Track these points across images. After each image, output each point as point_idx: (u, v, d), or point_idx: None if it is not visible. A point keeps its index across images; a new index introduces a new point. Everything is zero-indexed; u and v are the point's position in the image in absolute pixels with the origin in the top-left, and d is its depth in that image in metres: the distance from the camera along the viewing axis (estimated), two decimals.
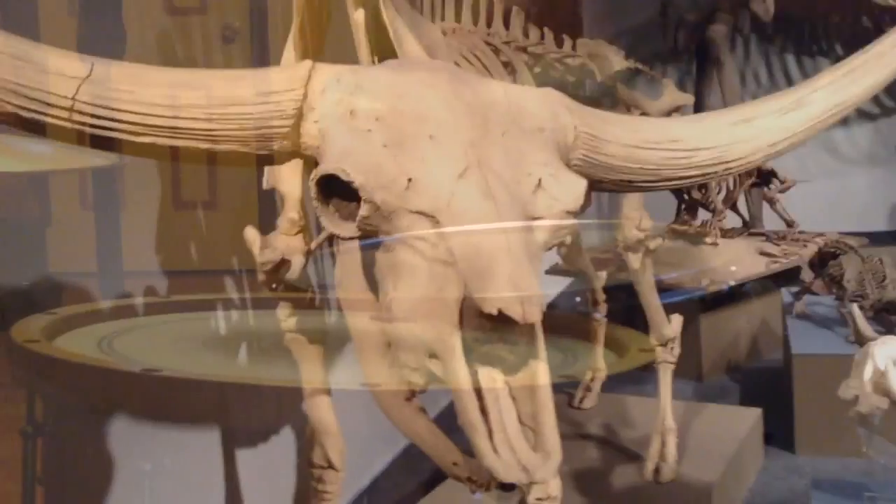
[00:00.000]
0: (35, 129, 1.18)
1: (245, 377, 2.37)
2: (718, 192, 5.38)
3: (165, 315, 2.54)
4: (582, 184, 1.36)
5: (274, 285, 1.83)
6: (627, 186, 1.55)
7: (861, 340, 2.71)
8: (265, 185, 1.77)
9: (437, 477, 3.00)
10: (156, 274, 2.54)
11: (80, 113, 1.17)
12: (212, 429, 2.55)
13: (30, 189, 2.31)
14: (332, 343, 1.93)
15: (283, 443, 2.74)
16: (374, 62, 1.59)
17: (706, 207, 5.38)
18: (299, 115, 1.29)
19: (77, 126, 1.18)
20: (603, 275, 3.58)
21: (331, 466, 2.01)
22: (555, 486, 1.77)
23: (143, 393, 2.31)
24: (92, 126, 1.18)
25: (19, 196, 2.28)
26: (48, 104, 1.15)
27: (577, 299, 3.62)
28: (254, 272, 1.85)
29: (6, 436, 2.13)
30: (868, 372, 2.41)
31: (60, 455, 2.21)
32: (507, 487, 1.21)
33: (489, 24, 2.74)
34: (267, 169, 1.75)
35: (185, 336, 2.43)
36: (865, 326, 2.80)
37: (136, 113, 1.20)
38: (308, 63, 1.32)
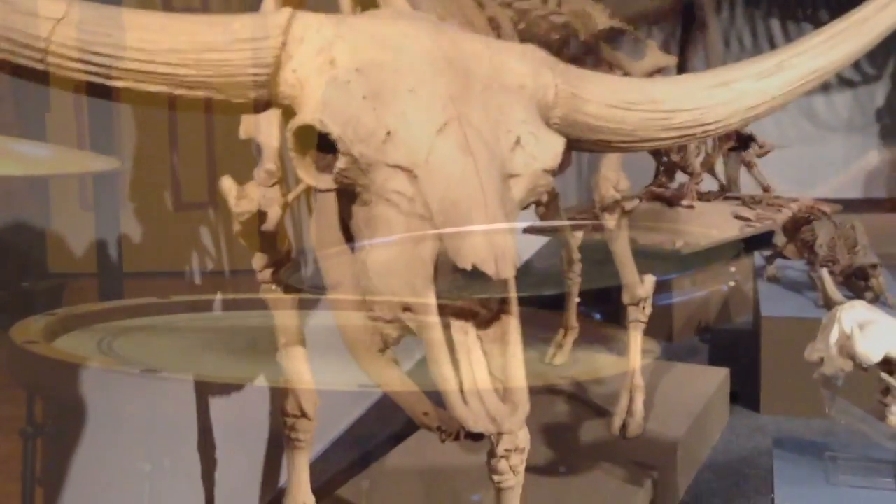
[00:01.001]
0: (9, 71, 1.16)
1: (243, 376, 2.38)
2: (697, 155, 5.41)
3: (165, 315, 2.55)
4: (560, 142, 1.37)
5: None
6: (606, 146, 1.55)
7: (829, 304, 2.76)
8: (242, 135, 1.75)
9: (408, 427, 3.04)
10: (156, 274, 2.55)
11: (55, 55, 1.15)
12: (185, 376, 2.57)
13: (30, 190, 2.30)
14: (307, 295, 1.94)
15: (257, 392, 2.77)
16: (356, 13, 1.57)
17: (684, 170, 5.42)
18: (277, 64, 1.27)
19: (51, 69, 1.16)
20: (579, 234, 3.61)
21: (304, 415, 2.03)
22: (523, 438, 1.80)
23: (142, 393, 2.33)
24: (66, 69, 1.16)
25: (20, 197, 2.26)
26: (22, 44, 1.13)
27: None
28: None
29: (6, 436, 2.14)
30: (834, 335, 2.46)
31: (60, 455, 2.22)
32: (476, 437, 1.23)
33: None
34: (244, 118, 1.74)
35: (185, 336, 2.44)
36: (834, 291, 2.85)
37: (111, 56, 1.18)
38: (288, 11, 1.30)
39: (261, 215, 1.75)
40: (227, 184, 1.70)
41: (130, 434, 2.31)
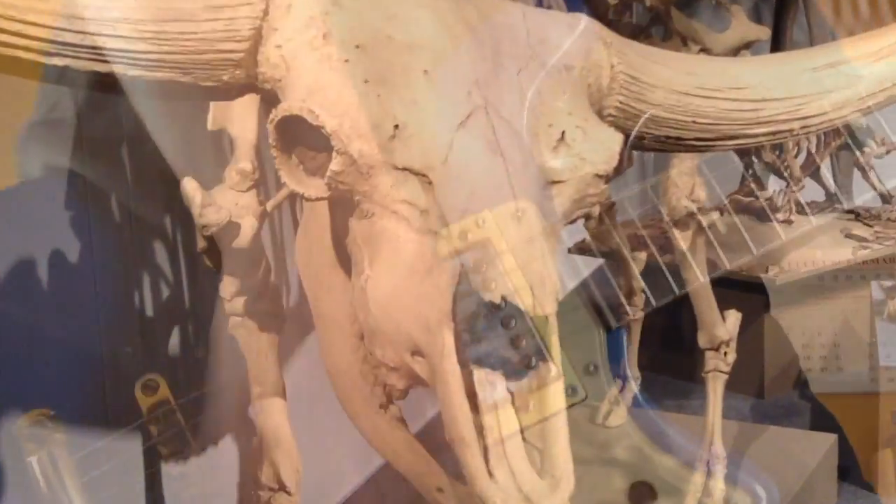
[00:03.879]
0: None
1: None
2: (796, 156, 5.40)
3: None
4: (617, 139, 1.38)
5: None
6: (676, 145, 1.57)
7: None
8: (210, 126, 1.77)
9: None
10: None
11: None
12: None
13: None
14: (289, 333, 1.96)
15: (224, 458, 2.80)
16: None
17: (779, 174, 5.40)
18: (257, 38, 1.30)
19: None
20: (642, 256, 3.61)
21: (283, 489, 2.03)
22: None
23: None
24: None
25: None
26: None
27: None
28: None
29: None
30: None
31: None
32: None
33: None
34: (213, 105, 1.76)
35: None
36: None
37: (47, 27, 1.20)
38: None
39: (231, 228, 1.77)
40: (191, 187, 1.71)
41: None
